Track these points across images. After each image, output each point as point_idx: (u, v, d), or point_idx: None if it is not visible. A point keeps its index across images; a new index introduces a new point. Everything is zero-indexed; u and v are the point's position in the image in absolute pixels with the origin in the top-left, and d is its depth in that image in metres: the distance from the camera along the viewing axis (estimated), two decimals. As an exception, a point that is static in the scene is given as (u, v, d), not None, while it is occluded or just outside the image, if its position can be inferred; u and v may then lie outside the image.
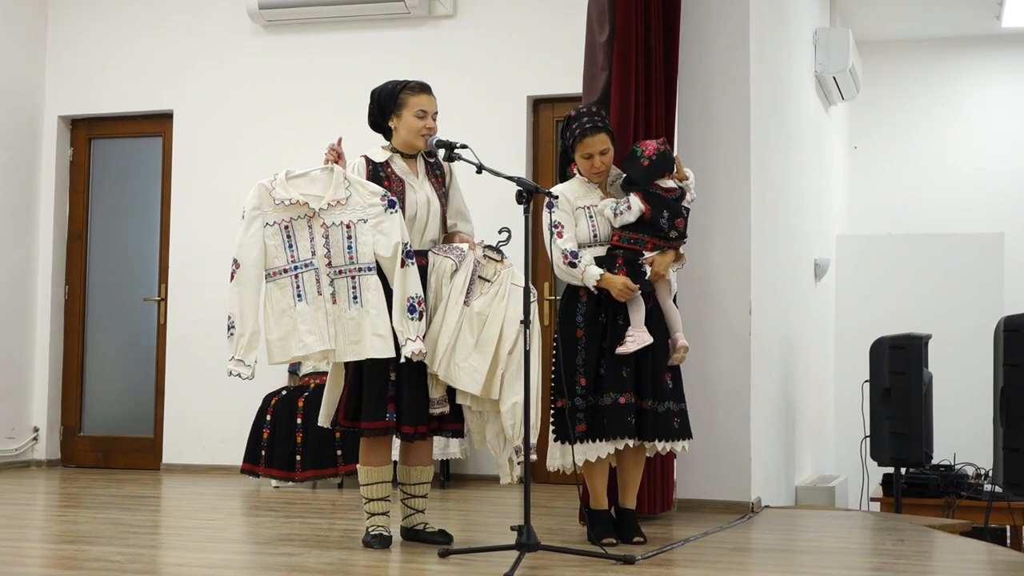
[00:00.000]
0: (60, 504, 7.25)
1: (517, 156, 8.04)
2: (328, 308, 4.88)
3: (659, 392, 5.23)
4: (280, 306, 4.91)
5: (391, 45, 8.36)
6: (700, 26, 6.46)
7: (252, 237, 4.93)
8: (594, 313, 5.22)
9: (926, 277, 10.12)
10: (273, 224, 4.93)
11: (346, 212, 4.92)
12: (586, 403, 5.16)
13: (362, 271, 4.91)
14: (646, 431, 5.19)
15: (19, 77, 8.95)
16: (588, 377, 5.17)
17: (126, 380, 9.07)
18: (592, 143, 5.25)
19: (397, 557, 4.87)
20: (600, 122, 5.31)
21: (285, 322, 4.89)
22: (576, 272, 5.16)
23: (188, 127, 8.85)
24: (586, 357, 5.19)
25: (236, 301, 4.94)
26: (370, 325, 4.85)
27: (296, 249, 4.93)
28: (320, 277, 4.90)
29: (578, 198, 5.29)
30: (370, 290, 4.89)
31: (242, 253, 4.95)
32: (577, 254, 5.17)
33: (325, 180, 4.96)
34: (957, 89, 11.21)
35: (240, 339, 4.92)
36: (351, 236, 4.91)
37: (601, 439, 5.14)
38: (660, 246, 5.27)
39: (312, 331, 4.86)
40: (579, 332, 5.21)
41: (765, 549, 5.42)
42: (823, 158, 9.72)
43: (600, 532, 5.17)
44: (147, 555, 5.06)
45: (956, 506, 7.27)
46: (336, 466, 7.42)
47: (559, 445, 5.22)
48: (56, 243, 9.08)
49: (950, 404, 8.44)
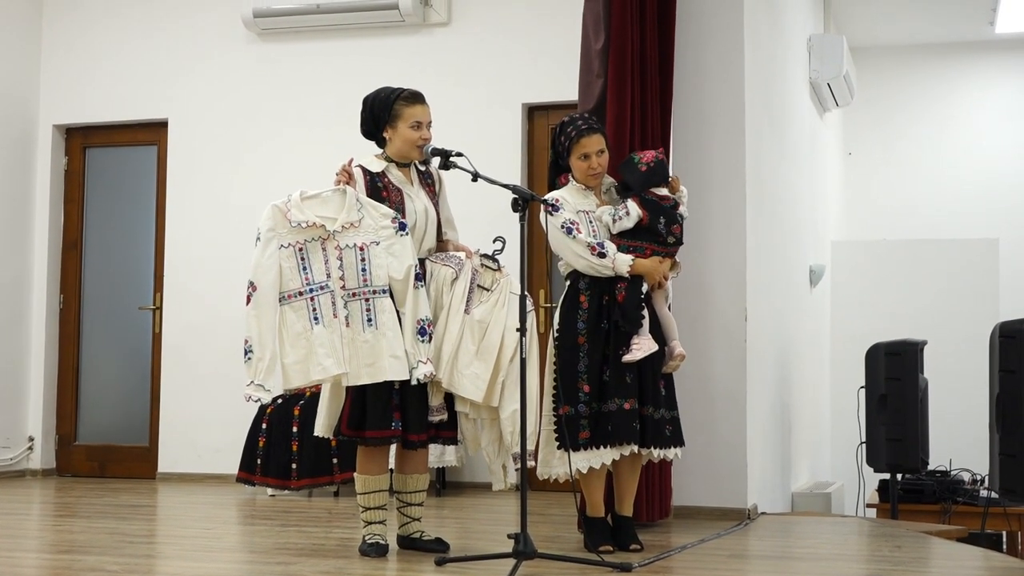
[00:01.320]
0: (55, 513, 7.23)
1: (512, 164, 8.04)
2: (343, 331, 4.86)
3: (655, 400, 5.22)
4: (295, 329, 4.85)
5: (386, 53, 8.36)
6: (695, 33, 6.47)
7: (269, 259, 4.86)
8: (596, 319, 5.20)
9: (921, 283, 10.13)
10: (288, 246, 4.88)
11: (359, 234, 4.90)
12: (590, 410, 5.14)
13: (376, 293, 4.88)
14: (645, 438, 5.18)
15: (13, 86, 8.94)
16: (592, 384, 5.15)
17: (121, 389, 9.06)
18: (589, 143, 5.25)
19: (394, 566, 4.87)
20: (596, 124, 5.33)
21: (301, 345, 4.84)
22: (606, 262, 5.14)
23: (183, 135, 8.85)
24: (589, 364, 5.16)
25: (254, 324, 4.84)
26: (387, 347, 4.83)
27: (311, 271, 4.89)
28: (335, 300, 4.87)
29: (576, 203, 5.29)
30: (385, 312, 4.87)
31: (259, 275, 4.86)
32: (603, 244, 5.17)
33: (338, 202, 4.93)
34: (951, 95, 11.23)
35: (259, 363, 4.82)
36: (364, 259, 4.89)
37: (605, 445, 5.11)
38: (659, 252, 5.27)
39: (330, 354, 4.82)
40: (580, 339, 5.18)
41: (762, 556, 5.42)
42: (818, 164, 9.73)
43: (597, 539, 5.16)
44: (143, 564, 5.05)
45: (952, 512, 7.28)
46: (332, 475, 7.42)
47: (559, 453, 5.18)
48: (51, 252, 9.07)
49: (946, 410, 8.46)
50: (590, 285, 5.22)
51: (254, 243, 4.90)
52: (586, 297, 5.22)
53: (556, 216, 5.15)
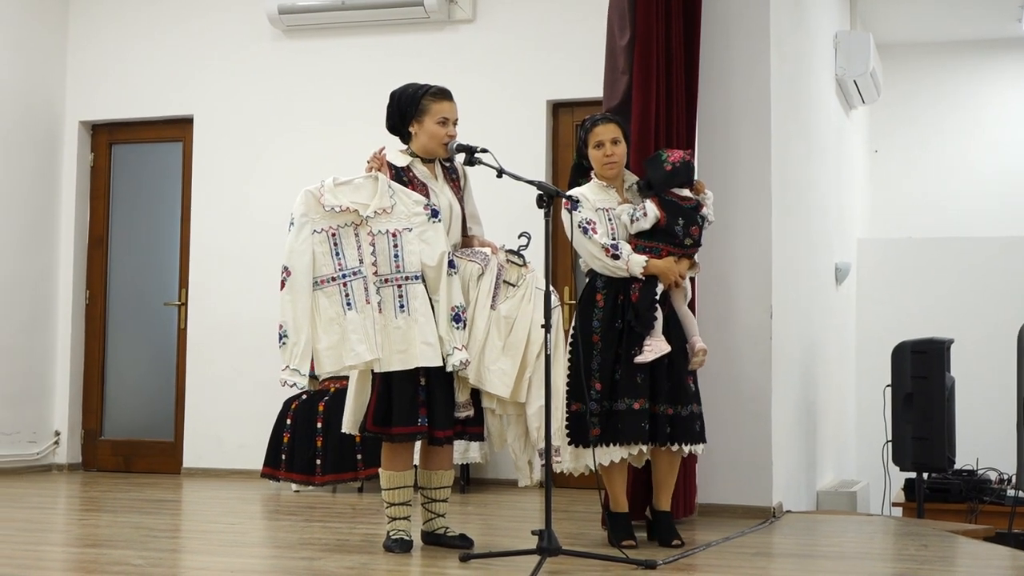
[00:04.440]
0: (81, 508, 7.27)
1: (536, 160, 8.03)
2: (375, 317, 4.85)
3: (682, 396, 5.22)
4: (328, 315, 4.84)
5: (411, 50, 8.36)
6: (721, 30, 6.45)
7: (303, 244, 4.85)
8: (611, 319, 5.21)
9: (947, 281, 10.09)
10: (321, 231, 4.87)
11: (391, 221, 4.89)
12: (600, 407, 5.16)
13: (409, 280, 4.88)
14: (659, 435, 5.18)
15: (40, 83, 8.99)
16: (603, 382, 5.17)
17: (146, 384, 9.10)
18: (602, 131, 5.29)
19: (418, 561, 4.87)
20: (612, 117, 5.39)
21: (334, 331, 4.83)
22: (620, 263, 5.16)
23: (208, 132, 8.87)
24: (601, 362, 5.18)
25: (289, 309, 4.83)
26: (419, 334, 4.83)
27: (343, 257, 4.88)
28: (368, 286, 4.86)
29: (597, 201, 5.30)
30: (417, 299, 4.86)
31: (293, 260, 4.85)
32: (617, 246, 5.18)
33: (370, 188, 4.92)
34: (978, 92, 11.17)
35: (294, 348, 4.81)
36: (397, 245, 4.88)
37: (615, 444, 5.14)
38: (675, 253, 5.27)
39: (362, 340, 4.81)
40: (595, 337, 5.20)
41: (786, 554, 5.40)
42: (844, 162, 9.69)
43: (620, 535, 5.17)
44: (168, 559, 5.07)
45: (979, 511, 7.25)
46: (356, 470, 7.42)
47: (572, 448, 5.21)
48: (77, 248, 9.12)
49: (973, 409, 8.42)
50: (607, 284, 5.24)
51: (287, 228, 4.90)
52: (602, 296, 5.23)
53: (575, 214, 5.18)
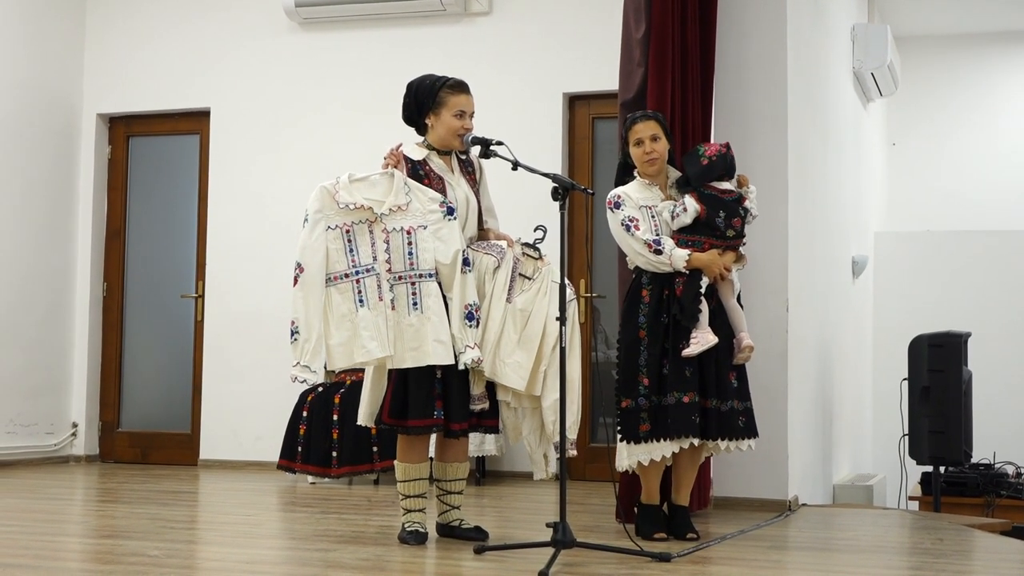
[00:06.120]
0: (98, 499, 7.29)
1: (553, 153, 8.03)
2: (388, 314, 4.85)
3: (723, 391, 5.24)
4: (341, 311, 4.84)
5: (427, 42, 8.36)
6: (737, 22, 6.43)
7: (316, 240, 4.85)
8: (656, 313, 5.22)
9: (965, 274, 10.05)
10: (335, 228, 4.87)
11: (407, 218, 4.89)
12: (649, 403, 5.17)
13: (422, 277, 4.87)
14: (710, 430, 5.20)
15: (58, 75, 9.01)
16: (651, 377, 5.18)
17: (164, 376, 9.13)
18: (642, 128, 5.31)
19: (433, 553, 4.87)
20: (652, 114, 5.42)
21: (346, 327, 4.83)
22: (663, 258, 5.17)
23: (225, 124, 8.89)
24: (648, 357, 5.19)
25: (301, 306, 4.83)
26: (432, 331, 4.82)
27: (357, 254, 4.88)
28: (381, 283, 4.86)
29: (640, 199, 5.31)
30: (431, 296, 4.86)
31: (306, 257, 4.85)
32: (659, 241, 5.19)
33: (386, 185, 4.92)
34: (996, 84, 11.11)
35: (305, 344, 4.82)
36: (412, 242, 4.88)
37: (665, 438, 5.15)
38: (718, 245, 5.26)
39: (374, 337, 4.81)
40: (641, 332, 5.21)
41: (802, 547, 5.39)
42: (861, 155, 9.66)
43: (650, 528, 5.20)
44: (184, 550, 5.08)
45: (996, 505, 7.22)
46: (372, 462, 7.43)
47: (626, 445, 5.22)
48: (95, 240, 9.15)
49: (990, 402, 8.38)
50: (652, 280, 5.25)
51: (301, 224, 4.90)
52: (648, 291, 5.25)
53: (616, 213, 5.23)
